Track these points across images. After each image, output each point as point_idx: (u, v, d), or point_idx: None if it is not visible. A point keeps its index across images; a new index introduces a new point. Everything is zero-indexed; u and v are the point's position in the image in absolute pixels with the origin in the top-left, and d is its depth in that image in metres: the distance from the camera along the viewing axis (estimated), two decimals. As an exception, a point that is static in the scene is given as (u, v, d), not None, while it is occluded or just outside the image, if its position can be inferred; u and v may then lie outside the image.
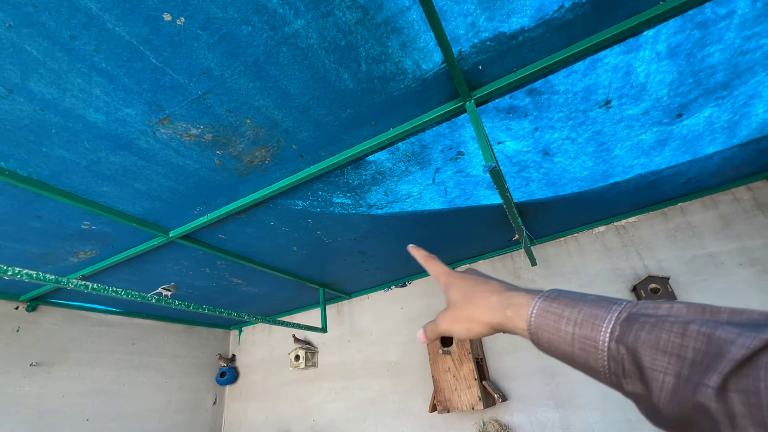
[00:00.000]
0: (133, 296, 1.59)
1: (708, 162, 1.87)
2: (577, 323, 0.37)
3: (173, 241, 1.82)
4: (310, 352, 3.11)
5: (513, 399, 2.33)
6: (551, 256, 2.55)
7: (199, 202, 1.60)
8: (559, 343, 0.38)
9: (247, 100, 1.13)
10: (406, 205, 1.85)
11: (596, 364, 0.35)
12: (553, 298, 0.41)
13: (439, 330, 0.54)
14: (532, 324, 0.41)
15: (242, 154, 1.35)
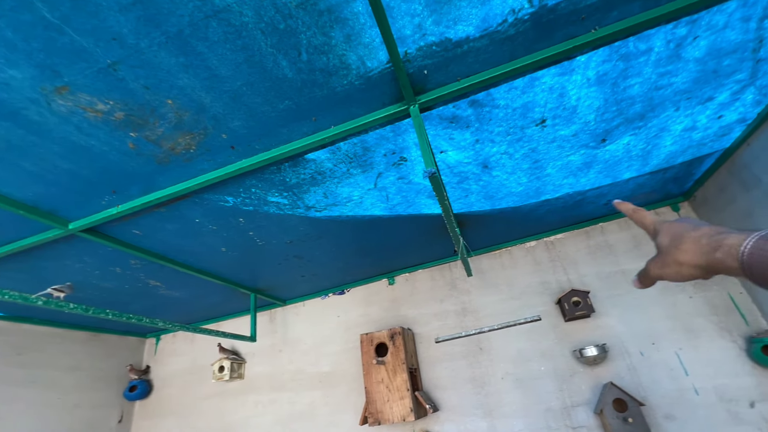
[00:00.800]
0: (13, 297, 1.33)
1: (624, 186, 2.05)
2: None
3: (74, 234, 1.57)
4: (237, 363, 2.88)
5: (444, 409, 2.33)
6: (486, 267, 2.63)
7: (107, 191, 1.40)
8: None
9: (168, 77, 1.00)
10: (346, 209, 1.79)
11: None
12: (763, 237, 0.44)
13: (651, 275, 0.59)
14: (745, 262, 0.44)
15: (162, 139, 1.20)
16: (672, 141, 1.69)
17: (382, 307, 2.77)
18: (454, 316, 2.56)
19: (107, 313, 1.62)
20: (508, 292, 2.51)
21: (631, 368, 2.09)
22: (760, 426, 1.81)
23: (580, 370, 2.17)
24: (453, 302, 2.61)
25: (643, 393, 2.02)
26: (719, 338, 2.01)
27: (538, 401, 2.18)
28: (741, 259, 0.45)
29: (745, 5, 1.10)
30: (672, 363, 2.04)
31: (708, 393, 1.93)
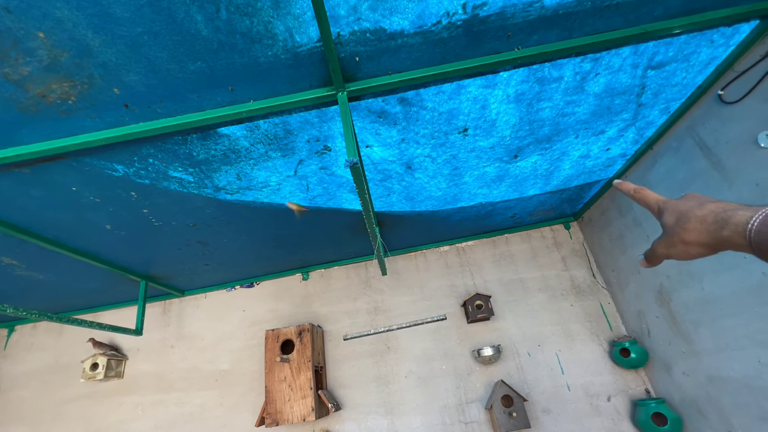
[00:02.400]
0: None
1: (529, 202, 2.26)
2: None
3: None
4: (116, 360, 2.51)
5: (347, 407, 2.31)
6: (401, 268, 2.68)
7: (-58, 137, 1.10)
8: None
9: (41, 2, 0.80)
10: (261, 195, 1.66)
11: None
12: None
13: (657, 254, 0.57)
14: (753, 239, 0.43)
15: (28, 82, 0.97)
16: (570, 165, 1.90)
17: (293, 302, 2.65)
18: (365, 315, 2.56)
19: None
20: (420, 293, 2.59)
21: (519, 367, 2.30)
22: (613, 417, 2.12)
23: (477, 369, 2.32)
24: (366, 301, 2.60)
25: (527, 389, 2.24)
26: (590, 342, 2.32)
27: (436, 399, 2.27)
28: (749, 237, 0.44)
29: (636, 53, 1.27)
30: (552, 363, 2.29)
31: (577, 389, 2.21)
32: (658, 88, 1.46)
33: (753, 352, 1.50)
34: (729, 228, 0.47)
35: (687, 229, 0.52)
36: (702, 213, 0.51)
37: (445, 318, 1.83)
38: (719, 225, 0.48)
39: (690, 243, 0.52)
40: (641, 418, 2.00)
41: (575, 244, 2.61)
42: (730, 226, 0.47)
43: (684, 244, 0.52)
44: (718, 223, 0.48)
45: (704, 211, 0.51)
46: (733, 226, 0.47)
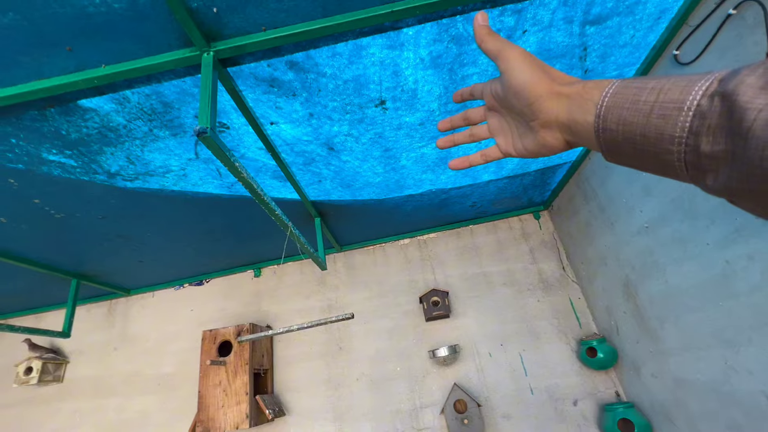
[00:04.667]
0: None
1: (486, 189, 2.07)
2: (663, 90, 0.32)
3: None
4: (54, 364, 2.37)
5: (294, 413, 2.15)
6: (358, 263, 2.51)
7: None
8: (632, 118, 0.34)
9: None
10: (167, 182, 1.49)
11: (672, 129, 0.31)
12: (634, 78, 0.36)
13: (503, 150, 0.51)
14: (605, 106, 0.37)
15: None
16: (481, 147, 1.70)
17: (243, 301, 2.49)
18: (318, 313, 2.39)
19: None
20: (378, 289, 2.42)
21: (479, 369, 2.12)
22: (579, 422, 1.93)
23: (433, 371, 2.15)
24: (319, 298, 2.44)
25: (487, 393, 2.05)
26: (557, 341, 2.13)
27: (388, 403, 2.10)
28: (602, 102, 0.37)
29: (565, 3, 1.08)
30: (515, 364, 2.11)
31: (541, 392, 2.02)
32: (603, 49, 1.26)
33: (719, 352, 1.31)
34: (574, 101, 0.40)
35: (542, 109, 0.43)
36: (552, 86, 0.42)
37: (352, 316, 1.65)
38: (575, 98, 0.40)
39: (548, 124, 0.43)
40: (608, 424, 1.81)
41: (545, 235, 2.42)
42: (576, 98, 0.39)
43: (542, 126, 0.43)
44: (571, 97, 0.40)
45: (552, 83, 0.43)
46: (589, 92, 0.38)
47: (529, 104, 0.44)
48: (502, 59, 0.46)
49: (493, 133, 0.53)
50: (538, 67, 0.44)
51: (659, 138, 0.33)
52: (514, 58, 0.45)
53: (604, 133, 0.37)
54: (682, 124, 0.31)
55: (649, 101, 0.33)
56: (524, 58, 0.45)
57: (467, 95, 0.56)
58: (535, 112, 0.43)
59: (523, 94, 0.44)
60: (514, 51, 0.45)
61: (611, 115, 0.36)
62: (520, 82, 0.44)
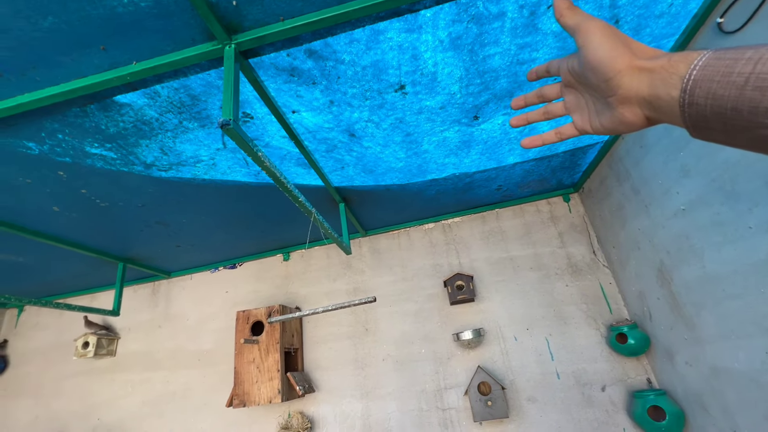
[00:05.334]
0: None
1: (512, 172, 2.02)
2: (762, 60, 0.30)
3: None
4: (107, 339, 2.60)
5: (322, 390, 2.25)
6: (383, 247, 2.54)
7: None
8: (722, 91, 0.32)
9: None
10: (199, 171, 1.57)
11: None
12: (728, 49, 0.34)
13: (580, 126, 0.51)
14: (692, 80, 0.34)
15: None
16: (549, 127, 1.64)
17: (274, 283, 2.60)
18: (345, 296, 2.46)
19: None
20: (402, 273, 2.45)
21: (504, 352, 2.12)
22: (607, 408, 1.91)
23: (458, 353, 2.17)
24: (346, 281, 2.50)
25: (511, 377, 2.06)
26: (586, 326, 2.09)
27: (414, 383, 2.16)
28: (690, 74, 0.34)
29: (593, -27, 1.02)
30: (541, 348, 2.09)
31: (568, 377, 2.00)
32: (637, 20, 1.18)
33: (760, 342, 1.24)
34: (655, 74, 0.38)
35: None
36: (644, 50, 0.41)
37: (374, 300, 1.68)
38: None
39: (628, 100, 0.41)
40: (637, 411, 1.77)
41: (575, 219, 2.34)
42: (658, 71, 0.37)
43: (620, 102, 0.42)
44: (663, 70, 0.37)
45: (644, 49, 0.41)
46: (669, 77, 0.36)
47: (607, 79, 0.42)
48: (581, 33, 0.44)
49: (570, 110, 0.51)
50: (618, 40, 0.42)
51: (753, 111, 0.31)
52: (593, 32, 0.43)
53: (690, 108, 0.35)
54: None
55: (744, 72, 0.31)
56: (603, 32, 0.43)
57: (543, 72, 0.55)
58: (613, 87, 0.42)
59: (600, 68, 0.42)
60: (593, 24, 0.44)
61: (699, 89, 0.34)
62: (598, 56, 0.42)
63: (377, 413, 2.13)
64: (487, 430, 1.97)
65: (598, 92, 0.45)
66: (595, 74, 0.43)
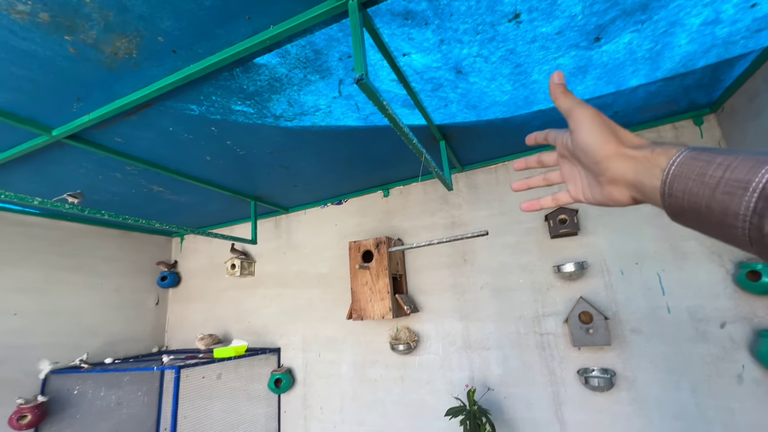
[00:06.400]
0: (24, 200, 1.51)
1: (633, 95, 1.82)
2: (731, 168, 0.34)
3: (61, 141, 1.68)
4: (247, 262, 3.20)
5: (425, 311, 2.54)
6: (481, 182, 2.57)
7: (72, 98, 1.44)
8: (697, 189, 0.36)
9: (72, -30, 0.93)
10: (317, 119, 1.74)
11: (738, 207, 0.33)
12: (702, 150, 0.38)
13: (574, 196, 0.56)
14: (671, 174, 0.38)
15: (100, 43, 1.17)
16: (688, 39, 1.42)
17: (376, 218, 2.86)
18: (442, 229, 2.61)
19: (118, 216, 1.81)
20: (499, 207, 2.48)
21: (608, 285, 2.11)
22: (725, 345, 1.84)
23: (557, 285, 2.22)
24: (443, 216, 2.63)
25: (615, 308, 2.07)
26: (708, 262, 1.94)
27: (511, 309, 2.30)
28: (668, 171, 0.39)
29: None
30: (651, 283, 2.03)
31: (680, 312, 1.94)
32: None
33: None
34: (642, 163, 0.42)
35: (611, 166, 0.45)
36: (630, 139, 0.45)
37: (486, 233, 1.75)
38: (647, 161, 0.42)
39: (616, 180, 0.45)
40: (762, 350, 1.69)
41: (707, 144, 2.05)
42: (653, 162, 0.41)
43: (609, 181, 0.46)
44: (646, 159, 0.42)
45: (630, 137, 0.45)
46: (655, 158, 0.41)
47: (596, 162, 0.46)
48: (573, 118, 0.49)
49: (565, 179, 0.56)
50: (606, 128, 0.46)
51: (724, 212, 0.34)
52: (584, 119, 0.47)
53: (669, 198, 0.39)
54: (746, 204, 0.32)
55: (716, 176, 0.35)
56: (593, 120, 0.47)
57: (541, 139, 0.60)
58: (602, 170, 0.46)
59: (590, 152, 0.46)
60: (584, 111, 0.48)
61: (677, 183, 0.37)
62: (588, 142, 0.46)
63: (476, 333, 2.36)
64: (586, 355, 2.07)
65: (589, 170, 0.49)
66: (585, 156, 0.48)
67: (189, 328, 3.46)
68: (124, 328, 3.20)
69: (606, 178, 0.46)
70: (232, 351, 2.61)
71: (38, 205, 1.62)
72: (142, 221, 1.99)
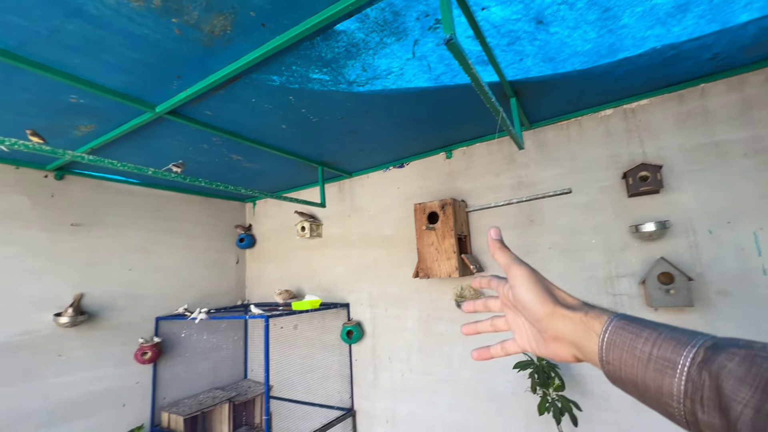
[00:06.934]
0: (140, 169, 1.75)
1: (741, 33, 1.61)
2: (657, 344, 0.36)
3: (162, 117, 1.87)
4: (315, 225, 3.41)
5: (490, 270, 2.58)
6: (550, 140, 2.47)
7: (173, 77, 1.59)
8: (632, 362, 0.37)
9: (183, -45, 1.02)
10: (388, 82, 1.77)
11: (670, 387, 0.34)
12: (630, 320, 0.40)
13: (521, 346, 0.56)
14: (605, 341, 0.40)
15: (200, 23, 1.28)
16: None
17: (439, 180, 2.88)
18: (508, 190, 2.58)
19: (200, 181, 2.02)
20: (570, 166, 2.38)
21: (693, 246, 1.99)
22: (832, 308, 1.69)
23: (634, 245, 2.14)
24: (509, 176, 2.59)
25: (699, 270, 1.96)
26: (818, 219, 1.75)
27: (581, 270, 2.27)
28: (602, 339, 0.40)
29: None
30: (745, 243, 1.88)
31: (778, 274, 1.80)
32: None
33: None
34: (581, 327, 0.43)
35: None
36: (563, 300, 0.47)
37: (569, 191, 1.70)
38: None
39: (559, 339, 0.46)
40: None
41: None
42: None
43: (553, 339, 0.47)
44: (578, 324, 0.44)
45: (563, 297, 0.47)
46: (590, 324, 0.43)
47: (536, 320, 0.47)
48: (510, 275, 0.51)
49: (510, 327, 0.56)
50: (542, 287, 0.47)
51: (659, 390, 0.34)
52: (521, 277, 0.49)
53: (607, 365, 0.39)
54: (678, 386, 0.33)
55: (645, 351, 0.35)
56: (529, 279, 0.48)
57: (485, 284, 0.60)
58: (544, 328, 0.46)
59: (530, 310, 0.47)
60: (520, 270, 0.49)
61: (612, 352, 0.38)
62: (527, 299, 0.47)
63: (543, 292, 2.37)
64: (663, 316, 2.01)
65: (533, 325, 0.49)
66: (526, 312, 0.48)
67: (265, 284, 3.83)
68: (212, 283, 3.62)
69: (548, 335, 0.47)
70: (309, 304, 2.88)
71: (151, 175, 1.86)
72: (230, 187, 2.21)
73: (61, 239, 2.63)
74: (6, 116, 1.79)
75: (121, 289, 2.92)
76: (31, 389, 2.39)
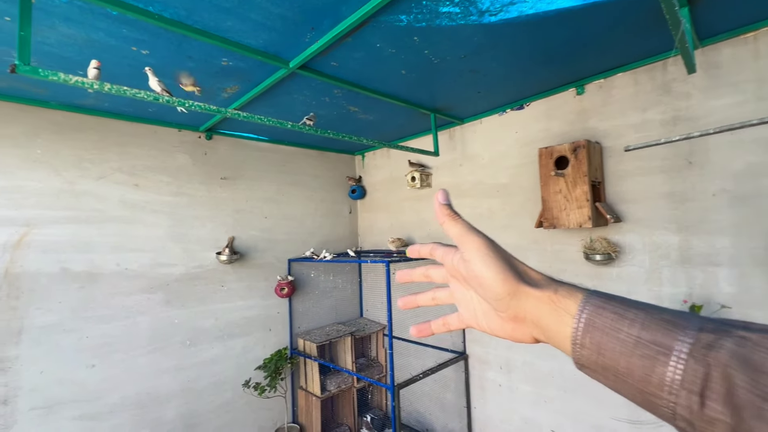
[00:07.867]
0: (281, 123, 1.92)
1: None
2: (645, 326, 0.31)
3: (294, 72, 1.98)
4: (425, 174, 3.41)
5: (628, 221, 2.29)
6: (726, 59, 1.97)
7: (307, 29, 1.64)
8: (613, 346, 0.32)
9: None
10: (525, 7, 1.56)
11: (662, 375, 0.29)
12: (608, 298, 0.35)
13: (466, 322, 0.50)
14: (582, 323, 0.34)
15: (339, -35, 1.26)
16: None
17: (566, 120, 2.57)
18: (659, 127, 2.18)
19: (338, 134, 2.16)
20: (755, 91, 1.89)
21: None
22: None
23: None
24: (661, 110, 2.17)
25: None
26: None
27: (759, 221, 1.86)
28: (578, 320, 0.34)
29: None
30: None
31: None
32: None
33: None
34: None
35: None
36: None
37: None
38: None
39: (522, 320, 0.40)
40: None
41: None
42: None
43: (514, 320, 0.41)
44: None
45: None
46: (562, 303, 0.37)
47: (495, 299, 0.40)
48: (464, 247, 0.42)
49: (456, 301, 0.48)
50: (503, 261, 0.40)
51: (645, 379, 0.30)
52: (477, 249, 0.41)
53: (581, 350, 0.34)
54: (672, 374, 0.28)
55: (632, 334, 0.31)
56: (487, 251, 0.40)
57: (426, 254, 0.50)
58: (502, 308, 0.40)
59: (487, 287, 0.40)
60: (476, 241, 0.42)
61: (590, 336, 0.33)
62: (483, 276, 0.40)
63: (700, 246, 2.03)
64: None
65: (487, 302, 0.42)
66: (482, 290, 0.41)
67: (377, 233, 4.05)
68: (330, 231, 3.96)
69: (508, 315, 0.40)
70: (423, 252, 2.96)
71: (290, 128, 2.02)
72: (354, 138, 2.30)
73: (215, 191, 3.10)
74: (174, 83, 2.09)
75: (260, 234, 3.38)
76: (206, 311, 2.99)
